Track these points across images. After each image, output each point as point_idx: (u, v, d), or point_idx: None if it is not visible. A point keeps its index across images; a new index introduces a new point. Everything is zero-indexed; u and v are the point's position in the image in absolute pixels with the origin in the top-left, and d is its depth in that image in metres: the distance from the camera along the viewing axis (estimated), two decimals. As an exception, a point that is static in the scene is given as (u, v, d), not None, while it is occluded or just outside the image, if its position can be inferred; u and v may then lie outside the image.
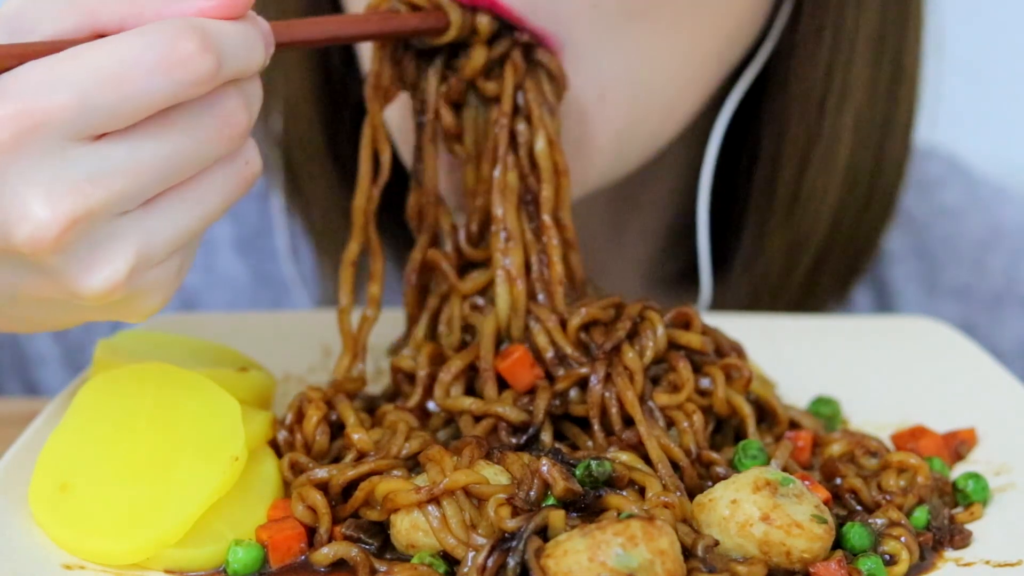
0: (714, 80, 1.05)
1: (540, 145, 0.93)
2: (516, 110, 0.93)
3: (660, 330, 0.89)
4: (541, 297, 0.92)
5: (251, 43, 0.74)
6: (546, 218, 0.93)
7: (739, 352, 0.94)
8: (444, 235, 0.95)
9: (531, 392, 0.89)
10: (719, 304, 1.22)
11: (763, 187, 1.17)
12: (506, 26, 0.93)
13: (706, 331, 0.92)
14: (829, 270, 1.21)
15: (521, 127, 0.93)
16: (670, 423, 0.87)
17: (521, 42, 0.93)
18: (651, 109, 1.01)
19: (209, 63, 0.71)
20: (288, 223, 1.29)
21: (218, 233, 1.32)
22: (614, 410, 0.86)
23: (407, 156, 0.99)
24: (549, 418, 0.88)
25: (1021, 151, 2.05)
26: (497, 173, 0.93)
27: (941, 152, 1.42)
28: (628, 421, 0.87)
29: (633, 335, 0.89)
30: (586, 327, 0.90)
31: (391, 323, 0.99)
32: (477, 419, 0.88)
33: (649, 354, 0.89)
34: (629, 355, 0.88)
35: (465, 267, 0.95)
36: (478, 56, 0.92)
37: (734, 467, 0.86)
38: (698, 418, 0.87)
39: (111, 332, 1.29)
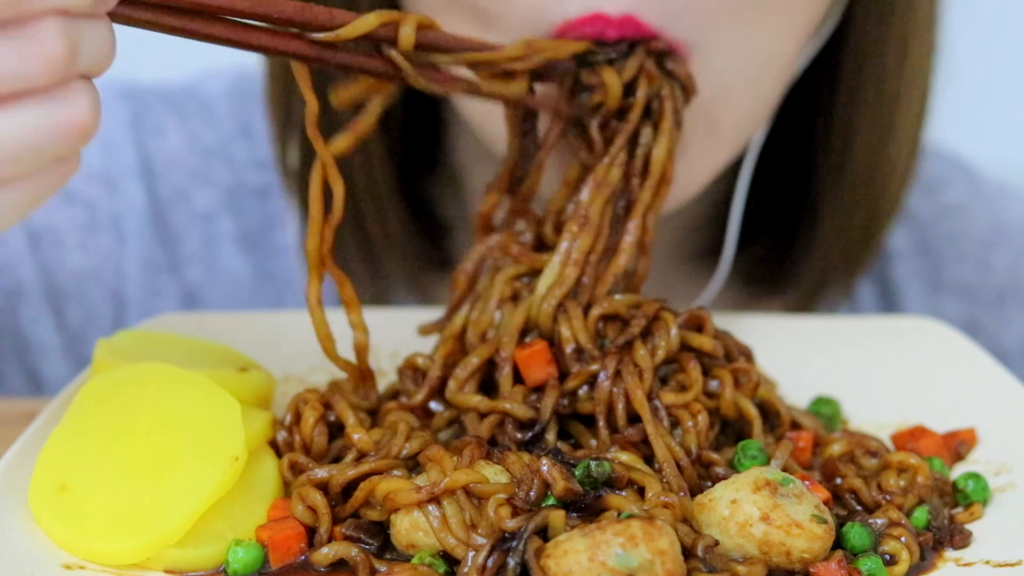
0: (799, 57, 1.06)
1: (659, 153, 0.93)
2: (647, 112, 0.94)
3: (674, 331, 0.90)
4: (586, 279, 0.92)
5: None
6: (636, 218, 0.93)
7: (748, 356, 0.94)
8: (528, 224, 0.95)
9: (540, 389, 0.89)
10: (777, 284, 1.23)
11: (836, 163, 1.18)
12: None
13: (717, 334, 0.93)
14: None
15: (646, 130, 0.93)
16: (675, 422, 0.87)
17: (655, 51, 0.93)
18: (761, 95, 1.03)
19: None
20: (300, 219, 1.28)
21: (221, 229, 1.32)
22: (620, 406, 0.87)
23: (495, 137, 0.98)
24: (555, 417, 0.88)
25: (1022, 150, 2.05)
26: (603, 163, 0.93)
27: (944, 151, 1.42)
28: (633, 419, 0.87)
29: (647, 334, 0.90)
30: (604, 320, 0.90)
31: (395, 323, 0.99)
32: (483, 415, 0.89)
33: (661, 353, 0.89)
34: (640, 352, 0.88)
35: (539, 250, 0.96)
36: (613, 83, 0.92)
37: (733, 467, 0.86)
38: (702, 418, 0.87)
39: (111, 325, 1.30)
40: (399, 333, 0.98)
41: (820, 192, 1.20)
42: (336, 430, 0.90)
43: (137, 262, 1.30)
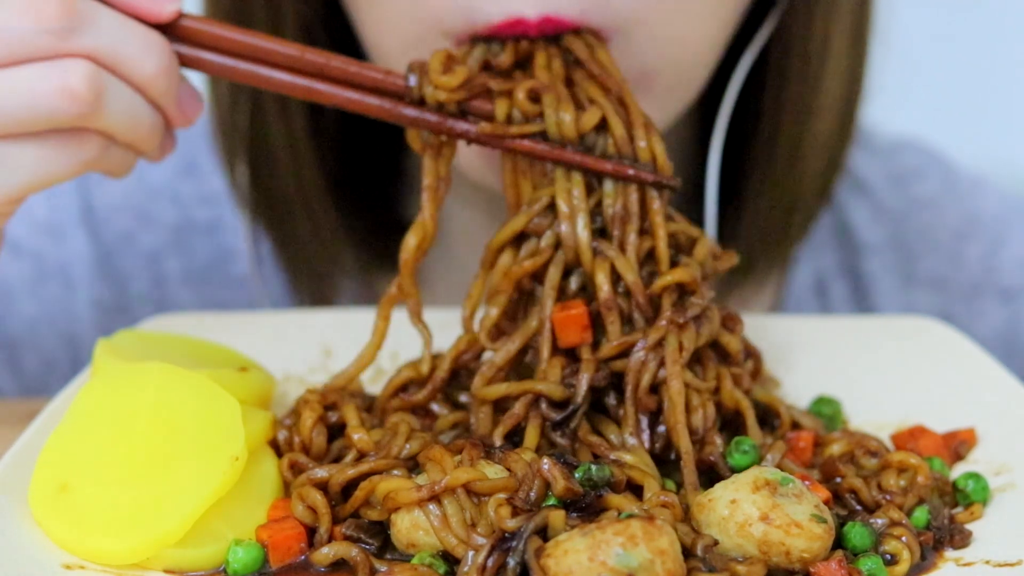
0: (728, 37, 1.09)
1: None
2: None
3: (717, 323, 0.90)
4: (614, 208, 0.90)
5: None
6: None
7: (757, 357, 0.96)
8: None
9: (574, 356, 0.88)
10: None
11: (765, 141, 1.20)
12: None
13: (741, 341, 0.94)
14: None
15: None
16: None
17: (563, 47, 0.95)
18: (683, 79, 1.06)
19: None
20: (254, 248, 1.29)
21: (169, 268, 1.33)
22: (646, 378, 0.86)
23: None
24: (590, 392, 0.87)
25: (1000, 145, 2.06)
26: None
27: (918, 143, 1.43)
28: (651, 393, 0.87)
29: (698, 317, 0.89)
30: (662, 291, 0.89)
31: (396, 323, 0.99)
32: (514, 398, 0.87)
33: (703, 339, 0.89)
34: (688, 332, 0.88)
35: None
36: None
37: (724, 458, 0.86)
38: (711, 408, 0.87)
39: (69, 369, 1.30)
40: (399, 333, 0.97)
41: (750, 170, 1.22)
42: (336, 431, 0.90)
43: (88, 305, 1.31)
